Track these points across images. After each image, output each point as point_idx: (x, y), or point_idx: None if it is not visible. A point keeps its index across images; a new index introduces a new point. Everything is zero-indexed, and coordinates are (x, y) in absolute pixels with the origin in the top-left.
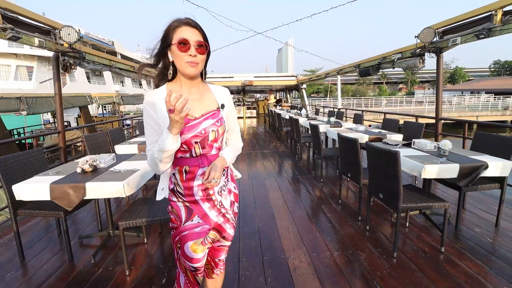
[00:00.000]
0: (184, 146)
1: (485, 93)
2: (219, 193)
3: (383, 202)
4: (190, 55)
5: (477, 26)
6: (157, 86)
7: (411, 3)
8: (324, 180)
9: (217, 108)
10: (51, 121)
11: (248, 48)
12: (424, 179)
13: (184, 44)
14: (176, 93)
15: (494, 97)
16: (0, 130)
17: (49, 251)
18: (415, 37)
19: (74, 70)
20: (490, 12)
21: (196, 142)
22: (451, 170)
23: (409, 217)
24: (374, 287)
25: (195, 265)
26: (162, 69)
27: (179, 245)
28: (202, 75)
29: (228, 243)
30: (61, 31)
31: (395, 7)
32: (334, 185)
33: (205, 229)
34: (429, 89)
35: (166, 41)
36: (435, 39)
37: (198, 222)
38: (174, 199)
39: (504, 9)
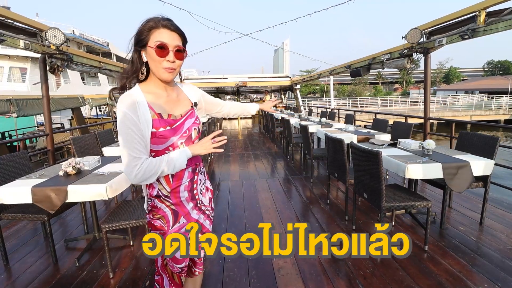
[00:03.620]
0: (171, 148)
1: (479, 92)
2: (201, 192)
3: (367, 201)
4: (168, 60)
5: (462, 27)
6: (124, 86)
7: (402, 5)
8: (315, 180)
9: (191, 106)
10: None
11: (244, 49)
12: (410, 179)
13: (162, 48)
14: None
15: (488, 97)
16: None
17: (34, 254)
18: (402, 37)
19: (61, 72)
20: (474, 13)
21: (181, 143)
22: (433, 170)
23: (395, 216)
24: (356, 286)
25: (182, 265)
26: (133, 69)
27: None
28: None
29: None
30: (47, 33)
31: (386, 9)
32: (324, 185)
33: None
34: None
35: (141, 41)
36: (422, 40)
37: (183, 222)
38: (159, 204)
39: (487, 10)
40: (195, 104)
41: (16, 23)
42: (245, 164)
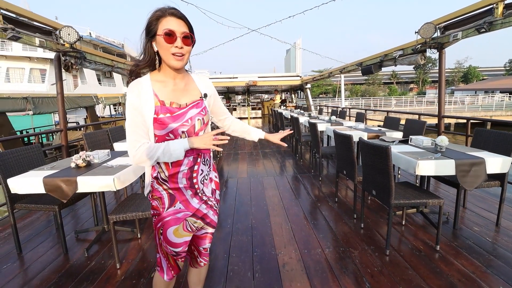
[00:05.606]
0: (171, 135)
1: (500, 92)
2: (202, 182)
3: (376, 199)
4: (177, 46)
5: (479, 20)
6: (137, 75)
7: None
8: (323, 178)
9: (200, 97)
10: None
11: (256, 50)
12: (422, 176)
13: (170, 35)
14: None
15: (509, 97)
16: (7, 129)
17: (46, 244)
18: (416, 32)
19: (76, 70)
20: (491, 6)
21: (183, 132)
22: (446, 166)
23: (405, 215)
24: (363, 284)
25: (176, 249)
26: (145, 59)
27: (161, 231)
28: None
29: (212, 230)
30: (61, 31)
31: (396, 4)
32: (332, 184)
33: (186, 215)
34: None
35: (150, 31)
36: (435, 35)
37: (180, 208)
38: (157, 186)
39: (505, 2)
40: (205, 95)
41: (32, 22)
42: (254, 162)
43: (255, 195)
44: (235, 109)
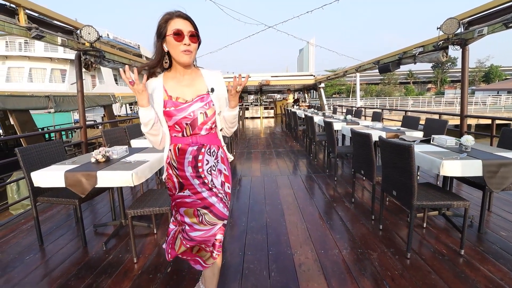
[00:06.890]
0: (177, 126)
1: None
2: (209, 172)
3: (396, 200)
4: (185, 44)
5: (506, 15)
6: (153, 75)
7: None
8: (339, 178)
9: (207, 92)
10: None
11: (269, 49)
12: (444, 178)
13: (178, 34)
14: (131, 70)
15: None
16: (30, 127)
17: (66, 237)
18: (438, 28)
19: (94, 69)
20: None
21: (186, 124)
22: (472, 167)
23: (426, 217)
24: (383, 287)
25: (179, 219)
26: (158, 59)
27: (175, 208)
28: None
29: (223, 222)
30: (82, 31)
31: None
32: (348, 184)
33: (196, 202)
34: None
35: (160, 33)
36: (459, 31)
37: (189, 194)
38: (170, 171)
39: None
40: (212, 89)
41: (54, 21)
42: (267, 161)
43: (269, 194)
44: (247, 109)
